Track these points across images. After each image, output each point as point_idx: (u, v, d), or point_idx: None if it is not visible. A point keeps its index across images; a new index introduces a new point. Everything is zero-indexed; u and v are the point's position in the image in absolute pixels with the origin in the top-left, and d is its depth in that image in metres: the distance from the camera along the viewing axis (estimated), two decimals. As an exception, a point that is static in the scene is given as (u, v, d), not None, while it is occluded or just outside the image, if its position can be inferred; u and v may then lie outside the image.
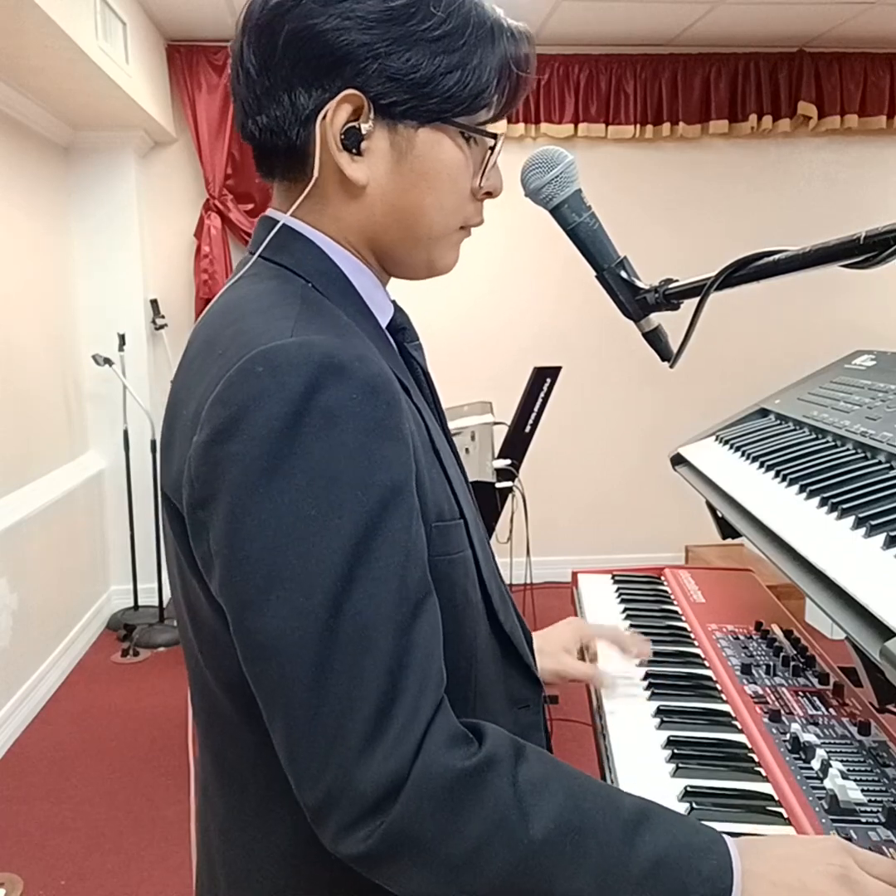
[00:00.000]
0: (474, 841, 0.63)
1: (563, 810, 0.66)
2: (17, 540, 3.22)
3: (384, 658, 0.64)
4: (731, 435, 1.49)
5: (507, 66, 0.76)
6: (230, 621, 0.67)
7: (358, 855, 0.63)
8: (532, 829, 0.64)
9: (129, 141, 4.04)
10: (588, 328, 4.45)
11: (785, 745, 0.99)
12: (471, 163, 0.78)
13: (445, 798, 0.63)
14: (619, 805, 0.69)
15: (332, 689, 0.63)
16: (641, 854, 0.65)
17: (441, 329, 4.38)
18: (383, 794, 0.62)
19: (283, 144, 0.75)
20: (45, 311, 3.74)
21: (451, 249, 0.82)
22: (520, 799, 0.65)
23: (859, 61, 4.39)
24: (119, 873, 2.40)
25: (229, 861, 0.82)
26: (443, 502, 0.74)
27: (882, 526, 0.91)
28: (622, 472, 4.66)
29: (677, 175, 4.54)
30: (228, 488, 0.64)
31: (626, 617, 1.39)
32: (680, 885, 0.65)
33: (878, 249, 0.68)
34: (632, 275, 0.93)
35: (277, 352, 0.65)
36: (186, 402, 0.72)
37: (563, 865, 0.64)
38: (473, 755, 0.65)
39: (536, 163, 0.90)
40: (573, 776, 0.70)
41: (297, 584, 0.63)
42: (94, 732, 3.18)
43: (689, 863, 0.66)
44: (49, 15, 2.49)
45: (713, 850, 0.67)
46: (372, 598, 0.64)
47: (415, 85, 0.72)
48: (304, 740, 0.64)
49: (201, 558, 0.69)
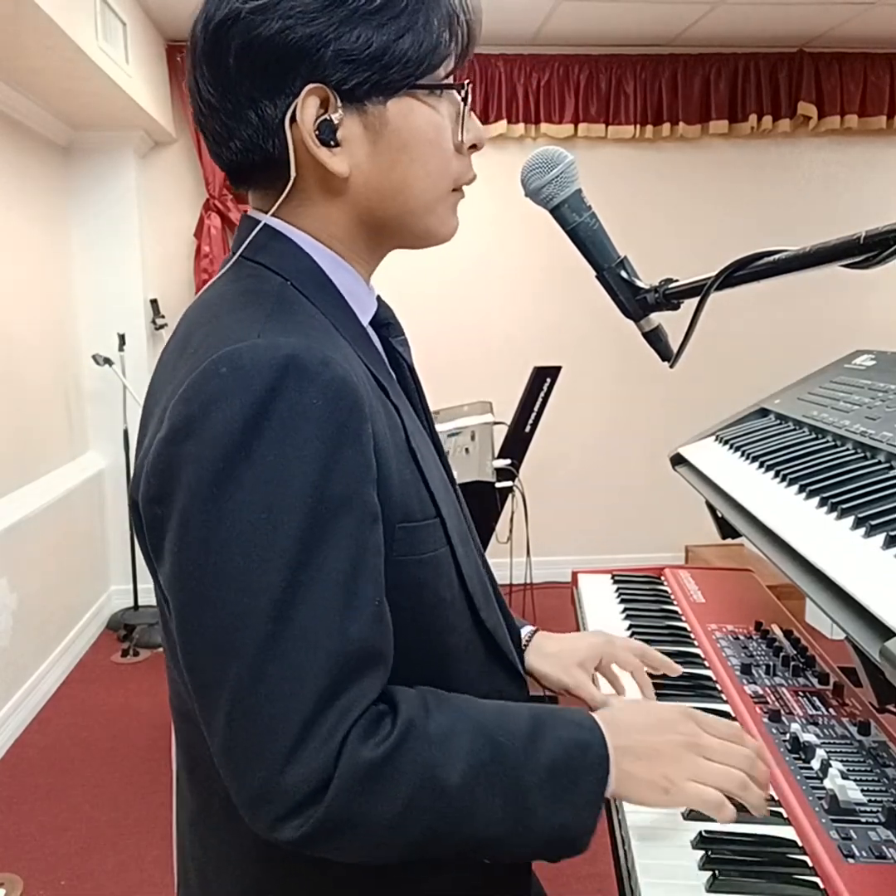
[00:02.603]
0: (400, 807, 0.67)
1: (472, 750, 0.70)
2: (17, 540, 3.22)
3: (321, 662, 0.65)
4: (731, 435, 1.49)
5: (454, 15, 0.74)
6: (174, 616, 0.68)
7: (293, 840, 0.66)
8: (451, 777, 0.68)
9: (129, 141, 4.04)
10: (588, 328, 4.45)
11: (785, 745, 0.99)
12: (448, 120, 0.77)
13: (372, 780, 0.66)
14: (515, 723, 0.74)
15: (269, 690, 0.64)
16: (539, 763, 0.71)
17: (441, 329, 4.38)
18: (314, 787, 0.65)
19: (261, 158, 0.75)
20: (45, 310, 3.74)
21: (448, 213, 0.81)
22: (434, 754, 0.68)
23: (859, 61, 4.39)
24: (119, 873, 2.40)
25: (199, 855, 0.85)
26: (412, 503, 0.74)
27: (882, 526, 0.91)
28: (622, 472, 4.65)
29: (677, 175, 4.54)
30: (182, 487, 0.65)
31: (626, 617, 1.39)
32: (573, 780, 0.72)
33: (878, 249, 0.68)
34: (632, 275, 0.93)
35: (242, 353, 0.65)
36: (158, 400, 0.72)
37: (480, 800, 0.69)
38: (390, 735, 0.68)
39: (536, 163, 0.90)
40: (472, 708, 0.74)
41: (241, 585, 0.64)
42: (93, 732, 3.18)
43: (579, 759, 0.73)
44: (49, 15, 2.48)
45: (593, 743, 0.74)
46: (314, 604, 0.65)
47: (371, 60, 0.71)
48: (238, 738, 0.65)
49: (153, 551, 0.70)
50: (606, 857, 0.92)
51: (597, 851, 0.78)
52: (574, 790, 0.72)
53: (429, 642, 0.77)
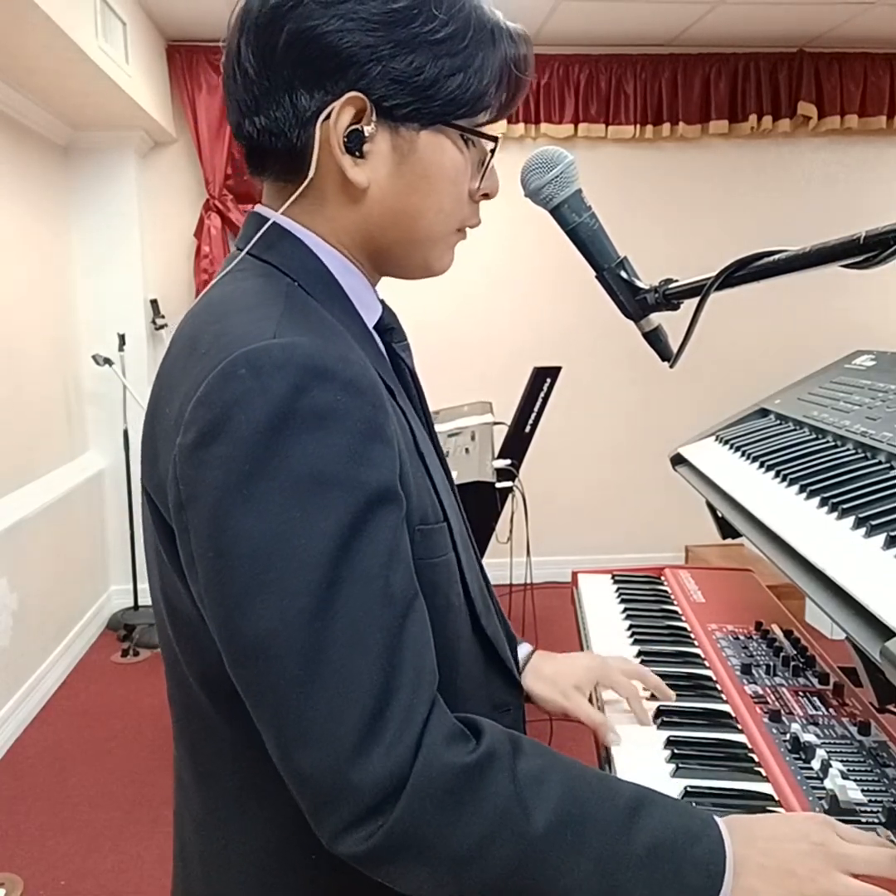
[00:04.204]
0: (477, 837, 0.64)
1: (563, 801, 0.66)
2: (17, 540, 3.22)
3: (374, 657, 0.64)
4: (731, 435, 1.49)
5: (507, 68, 0.76)
6: (213, 624, 0.67)
7: (358, 854, 0.63)
8: (534, 822, 0.65)
9: (129, 141, 4.04)
10: (588, 328, 4.45)
11: (785, 745, 0.99)
12: (469, 165, 0.78)
13: (447, 796, 0.63)
14: (616, 793, 0.70)
15: (322, 689, 0.63)
16: (638, 841, 0.66)
17: (442, 329, 4.38)
18: (383, 794, 0.62)
19: (283, 146, 0.74)
20: (45, 311, 3.74)
21: (447, 251, 0.82)
22: (520, 793, 0.65)
23: (859, 61, 4.39)
24: (119, 873, 2.40)
25: (205, 857, 0.83)
26: (426, 505, 0.74)
27: (882, 526, 0.91)
28: (622, 472, 4.66)
29: (677, 175, 4.54)
30: (212, 491, 0.64)
31: (626, 617, 1.39)
32: (676, 869, 0.66)
33: (879, 249, 0.68)
34: (632, 275, 0.93)
35: (260, 353, 0.65)
36: (169, 401, 0.71)
37: (564, 857, 0.65)
38: (472, 751, 0.65)
39: (536, 163, 0.90)
40: (570, 766, 0.70)
41: (282, 586, 0.63)
42: (93, 732, 3.18)
43: (685, 848, 0.67)
44: (49, 15, 2.48)
45: (707, 835, 0.68)
46: (357, 599, 0.64)
47: (418, 88, 0.71)
48: (296, 742, 0.63)
49: (185, 559, 0.69)
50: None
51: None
52: (675, 881, 0.66)
53: (441, 647, 0.75)
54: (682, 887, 0.66)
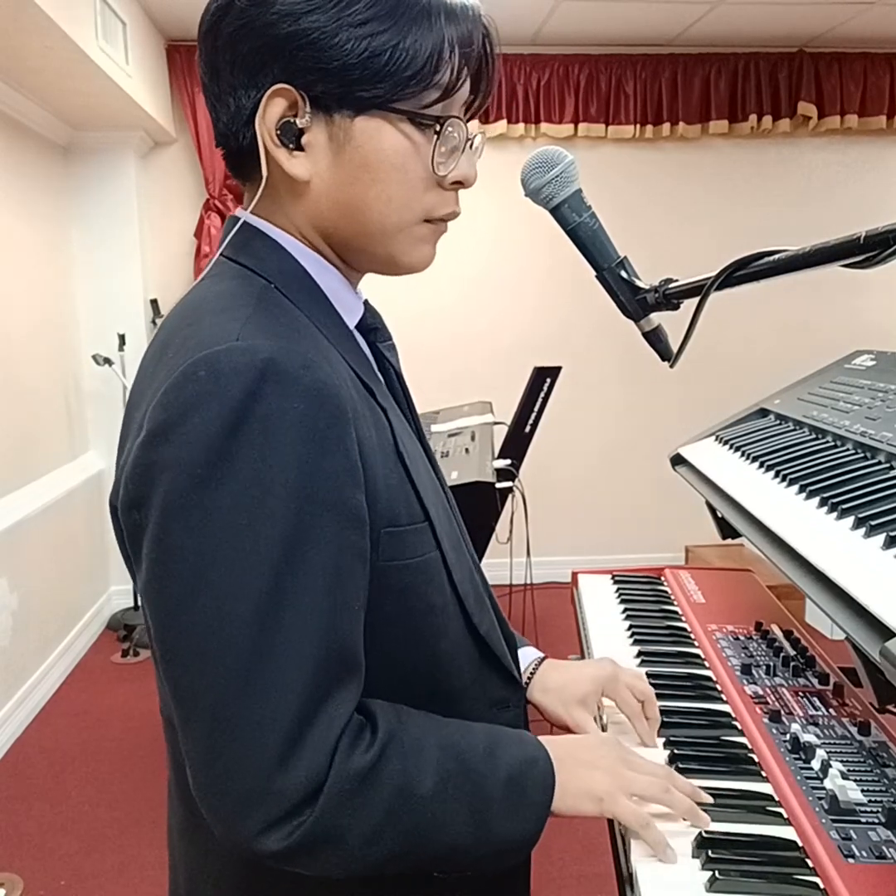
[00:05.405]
0: (383, 816, 0.67)
1: (441, 760, 0.71)
2: (17, 540, 3.22)
3: (310, 666, 0.65)
4: (730, 435, 1.49)
5: (447, 46, 0.71)
6: (151, 623, 0.67)
7: (277, 852, 0.65)
8: (423, 787, 0.69)
9: (129, 141, 4.04)
10: (588, 328, 4.45)
11: (785, 745, 0.99)
12: (423, 150, 0.74)
13: (356, 792, 0.66)
14: (475, 736, 0.76)
15: (256, 695, 0.64)
16: (498, 776, 0.74)
17: (441, 329, 4.38)
18: (303, 797, 0.64)
19: (236, 147, 0.75)
20: (45, 311, 3.74)
21: (415, 244, 0.78)
22: (409, 767, 0.69)
23: (859, 61, 4.39)
24: (119, 873, 2.41)
25: (187, 862, 0.84)
26: (399, 507, 0.73)
27: (882, 526, 0.91)
28: (622, 473, 4.66)
29: (677, 175, 4.54)
30: (161, 492, 0.64)
31: (627, 617, 1.39)
32: (523, 792, 0.75)
33: (879, 249, 0.68)
34: (632, 275, 0.93)
35: (220, 356, 0.64)
36: (139, 405, 0.71)
37: (448, 810, 0.71)
38: (373, 744, 0.69)
39: (536, 163, 0.90)
40: (438, 724, 0.75)
41: (224, 591, 0.63)
42: (93, 732, 3.18)
43: (528, 772, 0.76)
44: (49, 15, 2.49)
45: (539, 758, 0.78)
46: (297, 610, 0.64)
47: (342, 72, 0.70)
48: (223, 745, 0.64)
49: (133, 558, 0.70)
50: (606, 857, 0.92)
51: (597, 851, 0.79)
52: (526, 802, 0.75)
53: (418, 647, 0.76)
54: (530, 804, 0.76)
